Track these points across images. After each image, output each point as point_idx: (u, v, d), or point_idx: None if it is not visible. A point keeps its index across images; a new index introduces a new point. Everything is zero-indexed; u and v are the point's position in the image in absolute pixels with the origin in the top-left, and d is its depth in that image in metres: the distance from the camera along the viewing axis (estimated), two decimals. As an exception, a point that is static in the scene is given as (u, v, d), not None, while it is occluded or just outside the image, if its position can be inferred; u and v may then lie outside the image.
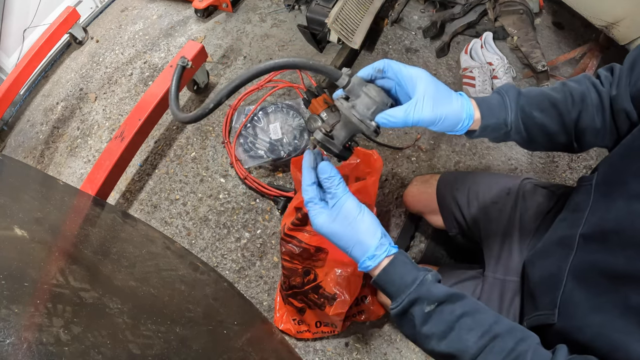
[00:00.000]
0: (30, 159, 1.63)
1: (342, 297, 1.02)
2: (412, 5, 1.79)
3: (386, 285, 0.54)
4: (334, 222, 0.56)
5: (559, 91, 0.62)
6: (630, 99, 0.57)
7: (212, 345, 0.66)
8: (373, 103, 0.55)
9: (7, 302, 0.41)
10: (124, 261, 0.73)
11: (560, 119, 0.61)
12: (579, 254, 0.59)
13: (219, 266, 1.33)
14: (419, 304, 0.52)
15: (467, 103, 0.57)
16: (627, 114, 0.58)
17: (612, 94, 0.59)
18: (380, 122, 0.54)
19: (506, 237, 0.82)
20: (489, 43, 1.58)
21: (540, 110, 0.61)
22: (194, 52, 1.39)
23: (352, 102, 0.56)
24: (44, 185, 0.91)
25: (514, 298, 0.76)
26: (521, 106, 0.60)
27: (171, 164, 1.52)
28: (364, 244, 0.55)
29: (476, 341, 0.49)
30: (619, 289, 0.50)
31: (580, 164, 1.44)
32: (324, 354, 1.19)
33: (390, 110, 0.54)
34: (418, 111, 0.53)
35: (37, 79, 1.84)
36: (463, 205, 0.91)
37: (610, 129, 0.61)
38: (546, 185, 0.83)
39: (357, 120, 0.55)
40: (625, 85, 0.57)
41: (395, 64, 0.55)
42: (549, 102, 0.61)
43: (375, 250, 0.54)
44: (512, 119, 0.60)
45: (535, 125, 0.61)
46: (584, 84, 0.62)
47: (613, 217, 0.54)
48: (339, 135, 0.58)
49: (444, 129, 0.57)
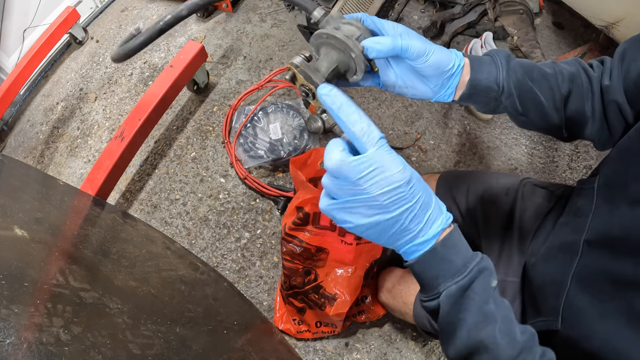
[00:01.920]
0: (30, 159, 1.63)
1: (343, 297, 1.02)
2: (412, 5, 1.79)
3: (449, 253, 0.43)
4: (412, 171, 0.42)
5: (549, 67, 0.59)
6: (622, 90, 0.56)
7: (212, 345, 0.66)
8: (357, 30, 0.48)
9: (7, 302, 0.41)
10: (124, 261, 0.73)
11: (551, 93, 0.57)
12: (584, 260, 0.59)
13: (219, 266, 1.33)
14: (485, 276, 0.44)
15: (454, 50, 0.54)
16: (619, 105, 0.56)
17: (605, 83, 0.57)
18: (366, 46, 0.47)
19: (505, 238, 0.82)
20: (489, 43, 1.58)
21: (531, 79, 0.56)
22: (194, 52, 1.39)
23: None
24: (44, 185, 0.91)
25: (514, 299, 0.76)
26: (513, 68, 0.56)
27: (171, 164, 1.52)
28: (439, 205, 0.44)
29: (520, 336, 0.44)
30: (625, 296, 0.50)
31: (580, 164, 1.44)
32: (324, 354, 1.19)
33: (377, 37, 0.48)
34: (406, 38, 0.48)
35: (37, 79, 1.84)
36: (462, 205, 0.91)
37: (599, 119, 0.59)
38: (545, 186, 0.83)
39: (344, 37, 0.45)
40: (617, 77, 0.56)
41: (374, 17, 0.50)
42: (540, 73, 0.57)
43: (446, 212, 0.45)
44: (504, 77, 0.55)
45: (527, 94, 0.56)
46: (574, 66, 0.59)
47: (618, 223, 0.53)
48: (320, 65, 0.48)
49: (432, 68, 0.50)
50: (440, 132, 1.51)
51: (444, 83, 0.53)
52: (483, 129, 1.51)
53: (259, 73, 1.67)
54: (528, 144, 1.47)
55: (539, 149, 1.46)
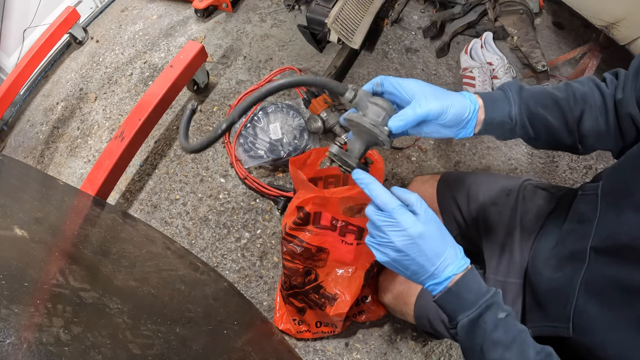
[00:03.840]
0: (30, 159, 1.63)
1: (343, 298, 1.02)
2: (412, 5, 1.79)
3: (463, 292, 0.54)
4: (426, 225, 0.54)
5: (562, 90, 0.62)
6: (635, 103, 0.57)
7: (212, 345, 0.66)
8: (382, 110, 0.57)
9: (7, 302, 0.41)
10: (124, 261, 0.73)
11: (563, 117, 0.61)
12: (591, 268, 0.59)
13: (219, 266, 1.33)
14: (493, 310, 0.53)
15: (469, 94, 0.59)
16: (633, 118, 0.58)
17: (618, 97, 0.59)
18: (392, 126, 0.55)
19: (507, 239, 0.81)
20: (489, 43, 1.58)
21: (543, 107, 0.61)
22: (193, 52, 1.39)
23: (362, 113, 0.58)
24: (44, 185, 0.91)
25: (515, 300, 0.76)
26: (525, 100, 0.60)
27: (171, 164, 1.52)
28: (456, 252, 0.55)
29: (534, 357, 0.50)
30: (635, 304, 0.50)
31: (580, 164, 1.44)
32: (324, 354, 1.19)
33: (399, 113, 0.56)
34: (424, 104, 0.55)
35: (37, 79, 1.84)
36: (463, 206, 0.91)
37: (614, 132, 0.61)
38: (546, 187, 0.83)
39: (370, 126, 0.55)
40: (631, 89, 0.57)
41: (391, 77, 0.58)
42: (552, 99, 0.61)
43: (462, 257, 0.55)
44: (516, 112, 0.60)
45: (539, 121, 0.61)
46: (588, 86, 0.62)
47: (625, 231, 0.54)
48: (353, 148, 0.59)
49: (452, 121, 0.57)
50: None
51: (463, 126, 0.60)
52: (483, 129, 1.50)
53: (259, 73, 1.67)
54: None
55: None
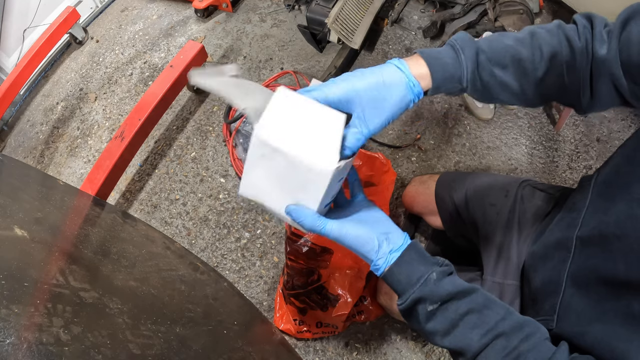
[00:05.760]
0: (30, 159, 1.63)
1: (345, 299, 1.02)
2: (412, 5, 1.79)
3: (392, 283, 0.54)
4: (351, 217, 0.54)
5: (526, 45, 0.55)
6: (619, 63, 0.51)
7: (212, 345, 0.66)
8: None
9: (7, 302, 0.41)
10: (124, 261, 0.73)
11: (524, 76, 0.55)
12: (577, 259, 0.59)
13: (219, 266, 1.33)
14: (422, 303, 0.51)
15: (407, 70, 0.51)
16: (614, 78, 0.52)
17: (600, 53, 0.52)
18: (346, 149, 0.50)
19: (504, 240, 0.81)
20: (489, 43, 1.57)
21: (502, 67, 0.54)
22: (194, 52, 1.39)
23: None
24: (44, 185, 0.91)
25: (513, 301, 0.76)
26: (480, 63, 0.54)
27: (171, 164, 1.52)
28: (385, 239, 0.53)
29: (479, 339, 0.48)
30: (621, 297, 0.49)
31: (580, 164, 1.44)
32: (324, 354, 1.19)
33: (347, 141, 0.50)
34: (366, 128, 0.50)
35: (37, 79, 1.84)
36: (461, 207, 0.91)
37: (582, 88, 0.55)
38: (544, 188, 0.83)
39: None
40: (616, 48, 0.51)
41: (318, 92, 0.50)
42: (513, 58, 0.54)
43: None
44: (469, 78, 0.54)
45: (495, 83, 0.55)
46: (557, 37, 0.55)
47: (613, 221, 0.53)
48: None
49: (401, 112, 0.52)
50: (440, 132, 1.51)
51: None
52: (483, 129, 1.51)
53: (259, 73, 1.68)
54: (528, 144, 1.47)
55: (539, 149, 1.46)
